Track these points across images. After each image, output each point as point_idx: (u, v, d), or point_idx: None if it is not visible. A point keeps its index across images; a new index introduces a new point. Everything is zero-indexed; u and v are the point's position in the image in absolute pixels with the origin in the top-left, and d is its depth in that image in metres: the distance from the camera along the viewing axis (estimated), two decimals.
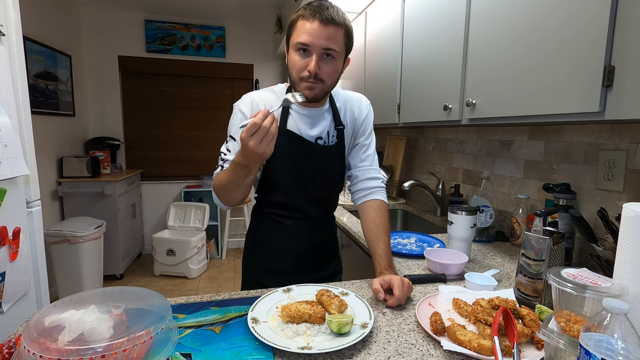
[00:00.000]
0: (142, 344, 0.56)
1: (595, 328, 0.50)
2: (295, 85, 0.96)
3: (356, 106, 1.09)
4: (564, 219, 1.11)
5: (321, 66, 0.91)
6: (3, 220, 0.99)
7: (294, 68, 0.94)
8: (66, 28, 3.28)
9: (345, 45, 0.94)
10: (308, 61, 0.91)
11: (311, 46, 0.89)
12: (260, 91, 1.05)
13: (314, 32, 0.88)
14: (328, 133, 1.05)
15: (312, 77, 0.91)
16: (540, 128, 1.37)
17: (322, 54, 0.90)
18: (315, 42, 0.89)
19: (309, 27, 0.89)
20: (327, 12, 0.88)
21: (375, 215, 1.05)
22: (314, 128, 1.03)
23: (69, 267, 2.70)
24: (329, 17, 0.88)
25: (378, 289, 0.86)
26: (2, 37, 1.04)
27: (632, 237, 0.61)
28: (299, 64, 0.92)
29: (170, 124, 3.97)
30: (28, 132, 1.16)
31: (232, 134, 1.02)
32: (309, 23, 0.89)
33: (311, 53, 0.90)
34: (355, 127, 1.09)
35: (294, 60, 0.93)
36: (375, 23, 2.02)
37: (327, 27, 0.88)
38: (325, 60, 0.91)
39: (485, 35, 1.15)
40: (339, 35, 0.91)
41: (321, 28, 0.88)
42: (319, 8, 0.89)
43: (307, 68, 0.91)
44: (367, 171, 1.10)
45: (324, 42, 0.89)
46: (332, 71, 0.93)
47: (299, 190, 1.05)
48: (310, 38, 0.88)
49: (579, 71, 0.84)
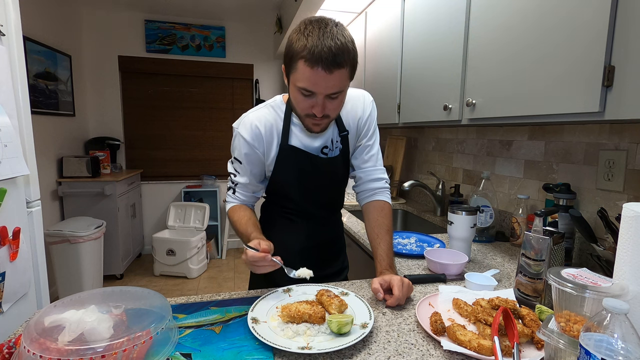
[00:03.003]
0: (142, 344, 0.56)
1: (595, 328, 0.50)
2: (300, 119, 0.96)
3: (359, 105, 1.07)
4: (564, 219, 1.11)
5: (327, 106, 0.87)
6: (3, 220, 0.99)
7: (297, 106, 0.90)
8: (66, 28, 3.28)
9: (350, 77, 0.87)
10: (312, 102, 0.86)
11: (315, 92, 0.84)
12: (259, 110, 1.00)
13: (317, 80, 0.81)
14: (332, 141, 1.03)
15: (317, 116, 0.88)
16: (540, 128, 1.37)
17: (327, 96, 0.85)
18: (320, 90, 0.83)
19: (310, 74, 0.80)
20: (331, 54, 0.78)
21: (378, 215, 1.05)
22: (317, 139, 1.01)
23: (69, 267, 2.70)
24: (333, 62, 0.79)
25: (377, 288, 0.86)
26: (2, 37, 1.04)
27: (632, 237, 0.61)
28: (303, 105, 0.88)
29: (170, 124, 3.97)
30: (28, 132, 1.16)
31: (236, 156, 1.01)
32: (312, 71, 0.80)
33: (315, 96, 0.85)
34: (358, 127, 1.07)
35: (297, 99, 0.89)
36: (375, 23, 2.02)
37: (331, 75, 0.80)
38: (330, 100, 0.86)
39: (485, 35, 1.15)
40: (345, 75, 0.84)
41: (326, 76, 0.80)
42: (320, 44, 0.78)
43: (313, 111, 0.87)
44: (371, 172, 1.10)
45: (329, 90, 0.83)
46: (338, 105, 0.90)
47: (306, 199, 1.08)
48: (314, 86, 0.82)
49: (579, 71, 0.84)
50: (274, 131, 0.99)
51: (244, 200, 1.05)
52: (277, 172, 1.02)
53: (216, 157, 4.11)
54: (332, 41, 0.79)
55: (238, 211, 1.02)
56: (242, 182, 1.03)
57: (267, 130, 0.98)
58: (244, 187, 1.04)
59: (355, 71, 0.90)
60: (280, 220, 1.12)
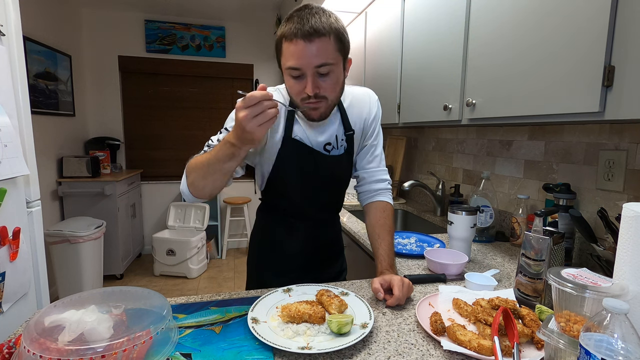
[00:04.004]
0: (142, 344, 0.56)
1: (595, 328, 0.50)
2: (298, 108, 0.91)
3: (365, 105, 1.05)
4: (564, 219, 1.11)
5: (319, 85, 0.84)
6: (3, 220, 0.99)
7: (292, 92, 0.89)
8: (66, 28, 3.28)
9: (340, 51, 0.85)
10: (304, 83, 0.84)
11: (302, 68, 0.82)
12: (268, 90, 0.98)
13: (300, 53, 0.80)
14: (337, 138, 1.00)
15: (312, 97, 0.85)
16: (540, 128, 1.37)
17: (315, 72, 0.83)
18: (305, 63, 0.81)
19: (293, 50, 0.80)
20: (309, 25, 0.78)
21: (380, 216, 1.05)
22: (322, 134, 0.99)
23: (69, 267, 2.70)
24: (312, 30, 0.78)
25: (378, 288, 0.86)
26: (2, 37, 1.04)
27: (632, 237, 0.61)
28: (296, 88, 0.86)
29: (170, 124, 3.97)
30: (28, 132, 1.16)
31: (228, 125, 0.92)
32: (293, 45, 0.80)
33: (304, 74, 0.83)
34: (364, 127, 1.05)
35: (289, 84, 0.88)
36: (375, 23, 2.02)
37: (312, 42, 0.79)
38: (321, 77, 0.84)
39: (485, 35, 1.15)
40: (328, 45, 0.81)
41: (307, 46, 0.79)
42: (298, 22, 0.80)
43: (305, 90, 0.84)
44: (375, 173, 1.10)
45: (314, 60, 0.81)
46: (333, 85, 0.86)
47: (307, 199, 1.04)
48: (298, 60, 0.81)
49: (579, 71, 0.84)
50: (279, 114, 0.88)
51: None
52: (277, 169, 0.99)
53: None
54: (310, 16, 0.80)
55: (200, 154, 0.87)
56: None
57: None
58: None
59: (348, 47, 0.88)
60: (279, 223, 1.10)
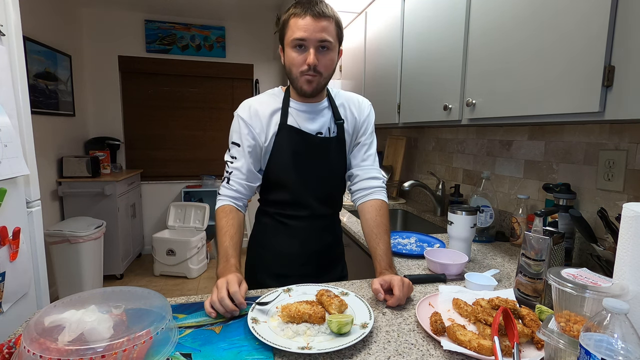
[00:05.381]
0: (142, 344, 0.57)
1: (595, 328, 0.50)
2: (295, 82, 1.00)
3: (357, 106, 1.11)
4: (564, 219, 1.11)
5: (319, 58, 0.96)
6: (3, 220, 0.99)
7: (292, 65, 0.98)
8: (66, 28, 3.28)
9: (338, 37, 0.99)
10: (306, 55, 0.95)
11: (307, 40, 0.94)
12: (259, 96, 1.08)
13: (307, 27, 0.93)
14: (329, 129, 1.07)
15: (311, 69, 0.95)
16: (540, 128, 1.37)
17: (318, 46, 0.95)
18: (311, 36, 0.93)
19: (302, 23, 0.93)
20: (317, 7, 0.94)
21: (376, 215, 1.05)
22: (313, 123, 1.05)
23: (69, 267, 2.70)
24: (320, 11, 0.93)
25: (378, 289, 0.86)
26: (2, 37, 1.04)
27: (632, 237, 0.61)
28: (298, 60, 0.96)
29: (170, 124, 3.97)
30: (28, 132, 1.16)
31: (234, 140, 1.04)
32: (302, 19, 0.93)
33: (308, 47, 0.95)
34: (355, 126, 1.11)
35: (291, 57, 0.97)
36: (375, 23, 2.02)
37: (319, 21, 0.93)
38: (321, 52, 0.96)
39: (485, 35, 1.15)
40: (331, 27, 0.96)
41: (314, 22, 0.93)
42: (308, 4, 0.94)
43: (306, 62, 0.95)
44: (368, 171, 1.10)
45: (319, 35, 0.93)
46: (329, 63, 0.99)
47: (302, 185, 1.06)
48: (306, 33, 0.93)
49: (579, 71, 0.84)
50: (272, 112, 1.04)
51: (239, 190, 1.03)
52: (273, 155, 1.04)
53: (216, 157, 4.11)
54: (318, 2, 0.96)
55: (228, 216, 0.99)
56: (239, 166, 1.02)
57: (265, 111, 1.03)
58: (241, 174, 1.02)
59: (342, 37, 1.02)
60: (277, 226, 1.10)
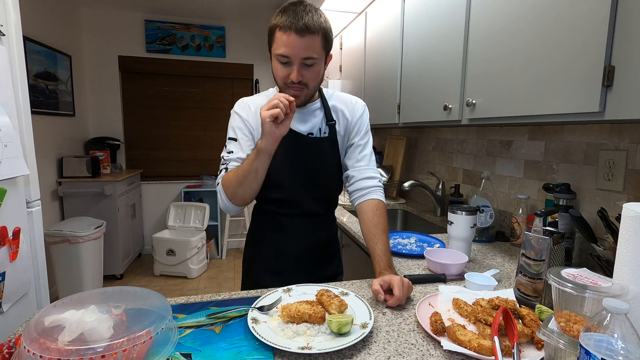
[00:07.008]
0: (142, 344, 0.56)
1: (595, 328, 0.50)
2: (282, 91, 1.01)
3: (349, 107, 1.11)
4: (564, 219, 1.11)
5: (303, 73, 0.95)
6: (3, 220, 0.98)
7: (277, 76, 0.99)
8: (66, 28, 3.28)
9: (324, 49, 0.97)
10: (290, 70, 0.95)
11: (290, 57, 0.92)
12: (255, 96, 1.11)
13: (291, 43, 0.91)
14: (320, 130, 1.07)
15: (296, 83, 0.96)
16: (540, 128, 1.37)
17: (301, 62, 0.93)
18: (294, 54, 0.92)
19: (286, 40, 0.91)
20: (302, 22, 0.89)
21: (374, 215, 1.04)
22: (304, 124, 1.06)
23: (69, 267, 2.70)
24: (304, 26, 0.89)
25: (378, 289, 0.86)
26: (2, 37, 1.04)
27: (632, 237, 0.61)
28: (282, 73, 0.96)
29: (171, 124, 3.97)
30: (28, 132, 1.15)
31: (231, 135, 1.06)
32: (286, 36, 0.91)
33: (292, 63, 0.94)
34: (347, 127, 1.11)
35: (277, 68, 0.97)
36: (375, 23, 2.02)
37: (303, 37, 0.90)
38: (306, 67, 0.95)
39: (485, 35, 1.15)
40: (316, 42, 0.93)
41: (298, 39, 0.90)
42: (294, 16, 0.90)
43: (290, 77, 0.95)
44: (364, 171, 1.10)
45: (303, 53, 0.92)
46: (314, 75, 0.98)
47: (296, 185, 1.06)
48: (289, 50, 0.91)
49: (579, 71, 0.84)
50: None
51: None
52: None
53: (216, 157, 4.09)
54: (304, 13, 0.91)
55: (230, 171, 1.00)
56: (236, 157, 1.02)
57: (258, 109, 1.03)
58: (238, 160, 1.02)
59: (331, 45, 1.00)
60: (272, 223, 1.11)
